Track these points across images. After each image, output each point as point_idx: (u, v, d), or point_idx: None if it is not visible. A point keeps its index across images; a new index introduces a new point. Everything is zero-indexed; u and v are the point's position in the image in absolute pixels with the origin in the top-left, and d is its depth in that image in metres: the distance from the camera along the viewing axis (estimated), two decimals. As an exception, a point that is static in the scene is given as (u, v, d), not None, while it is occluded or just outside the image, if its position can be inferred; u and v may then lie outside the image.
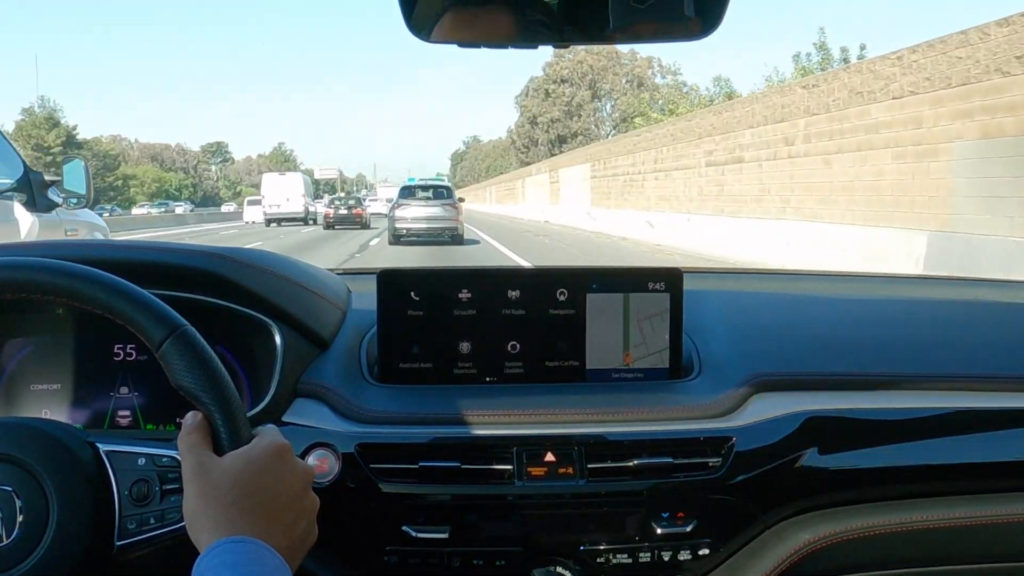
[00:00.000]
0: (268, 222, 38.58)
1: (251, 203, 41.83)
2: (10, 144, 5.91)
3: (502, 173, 75.45)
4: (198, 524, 0.74)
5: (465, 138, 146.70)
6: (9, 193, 5.39)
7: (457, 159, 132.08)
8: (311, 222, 36.60)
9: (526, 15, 0.79)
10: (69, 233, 6.06)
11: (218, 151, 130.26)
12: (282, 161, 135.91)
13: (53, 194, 5.74)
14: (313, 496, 0.80)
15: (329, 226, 30.53)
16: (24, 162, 5.83)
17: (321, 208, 33.10)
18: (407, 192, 20.91)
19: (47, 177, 5.66)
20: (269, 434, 0.80)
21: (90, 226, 6.66)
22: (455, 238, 19.81)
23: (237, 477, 0.75)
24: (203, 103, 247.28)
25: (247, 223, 41.46)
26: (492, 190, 64.11)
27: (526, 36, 0.80)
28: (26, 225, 5.51)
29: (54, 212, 5.93)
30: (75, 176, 5.90)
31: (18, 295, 0.80)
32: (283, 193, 38.76)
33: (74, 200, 5.95)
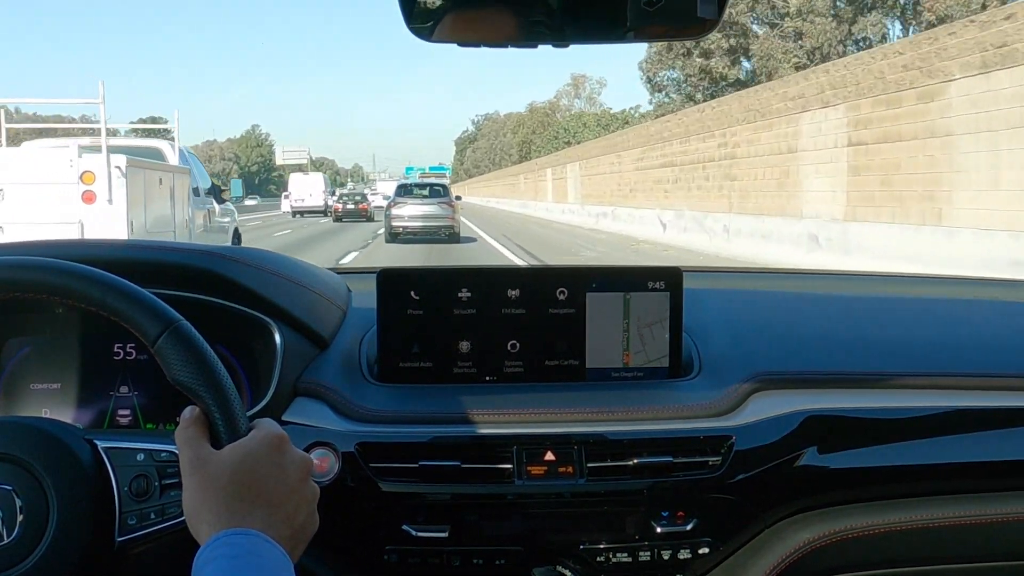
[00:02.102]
0: (294, 214, 45.78)
1: (286, 197, 51.46)
2: (201, 166, 11.05)
3: (570, 144, 47.17)
4: (198, 517, 0.74)
5: (475, 117, 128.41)
6: (208, 194, 10.62)
7: (464, 144, 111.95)
8: (329, 214, 41.60)
9: (527, 14, 0.79)
10: (225, 217, 11.29)
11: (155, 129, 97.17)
12: (255, 146, 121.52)
13: (223, 195, 11.57)
14: (313, 485, 0.80)
15: (338, 219, 33.98)
16: (209, 177, 11.35)
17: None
18: (404, 190, 21.01)
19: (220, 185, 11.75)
20: (267, 425, 0.80)
21: (232, 212, 11.99)
22: (452, 236, 19.86)
23: (236, 469, 0.75)
24: (140, 71, 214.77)
25: (283, 212, 49.92)
26: (573, 173, 29.79)
27: (527, 35, 0.80)
28: (218, 209, 10.87)
29: (224, 204, 11.28)
30: (237, 187, 13.11)
31: (12, 294, 0.81)
32: (307, 190, 46.81)
33: (233, 198, 12.69)
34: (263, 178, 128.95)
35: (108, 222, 7.47)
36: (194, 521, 0.74)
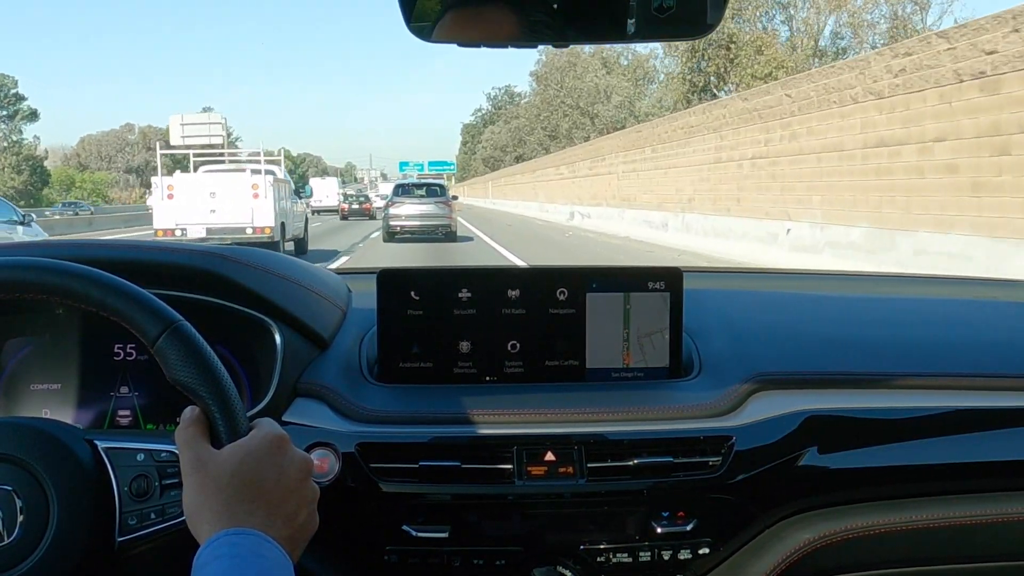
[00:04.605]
0: (313, 212, 54.83)
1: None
2: (289, 177, 18.89)
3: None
4: (198, 517, 0.74)
5: (491, 91, 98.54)
6: (294, 194, 17.50)
7: (476, 130, 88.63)
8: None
9: (526, 14, 0.79)
10: (297, 206, 17.38)
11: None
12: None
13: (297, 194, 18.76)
14: (313, 485, 0.80)
15: (344, 217, 38.85)
16: (294, 184, 19.53)
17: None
18: (402, 190, 21.13)
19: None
20: (267, 425, 0.80)
21: (304, 205, 19.78)
22: (449, 235, 19.91)
23: (236, 469, 0.75)
24: (133, 66, 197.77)
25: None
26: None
27: (526, 35, 0.80)
28: (299, 203, 18.07)
29: (301, 199, 19.40)
30: (308, 190, 32.29)
31: (13, 294, 0.81)
32: (324, 192, 56.46)
33: (303, 196, 22.88)
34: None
35: (265, 209, 14.36)
36: (194, 521, 0.74)
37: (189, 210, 14.11)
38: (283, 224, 15.04)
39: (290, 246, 16.12)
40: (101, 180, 68.20)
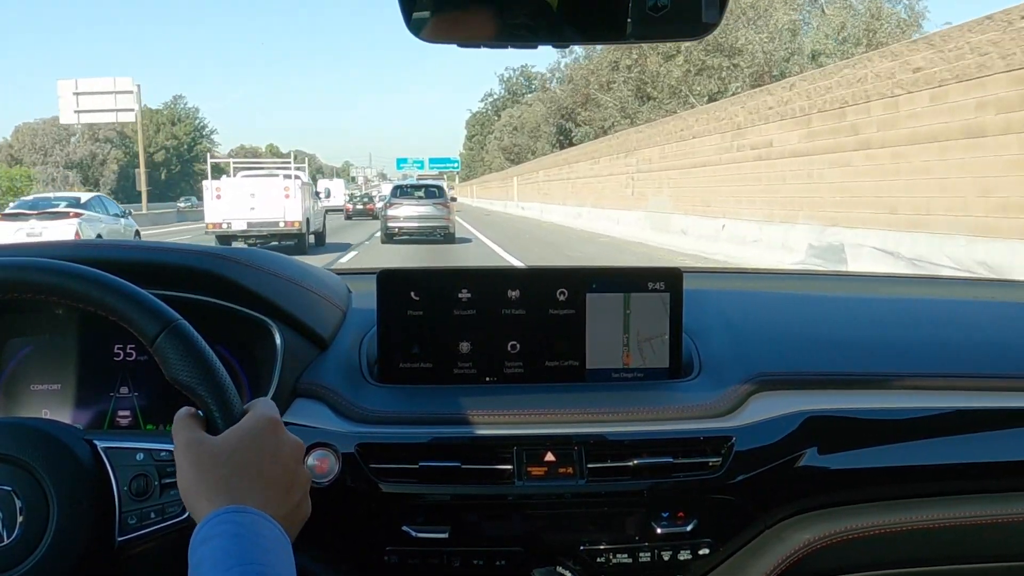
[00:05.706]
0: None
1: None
2: (310, 181, 21.75)
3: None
4: (195, 495, 0.75)
5: (504, 72, 73.78)
6: (315, 195, 20.68)
7: (483, 121, 76.95)
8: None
9: (528, 15, 0.79)
10: (317, 205, 20.66)
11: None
12: (168, 123, 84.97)
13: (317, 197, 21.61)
14: (305, 470, 0.81)
15: (348, 217, 41.33)
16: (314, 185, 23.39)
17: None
18: (400, 191, 21.18)
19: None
20: (260, 408, 0.81)
21: (322, 203, 22.01)
22: (447, 236, 19.92)
23: (232, 450, 0.76)
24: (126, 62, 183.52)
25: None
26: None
27: (528, 36, 0.80)
28: (319, 203, 21.19)
29: (321, 200, 21.69)
30: (324, 192, 27.64)
31: (12, 294, 0.81)
32: (332, 193, 58.41)
33: (323, 197, 23.06)
34: (173, 171, 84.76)
35: (294, 206, 17.13)
36: (191, 500, 0.75)
37: (233, 207, 17.34)
38: (308, 219, 17.99)
39: (311, 239, 18.62)
40: (21, 176, 47.21)
